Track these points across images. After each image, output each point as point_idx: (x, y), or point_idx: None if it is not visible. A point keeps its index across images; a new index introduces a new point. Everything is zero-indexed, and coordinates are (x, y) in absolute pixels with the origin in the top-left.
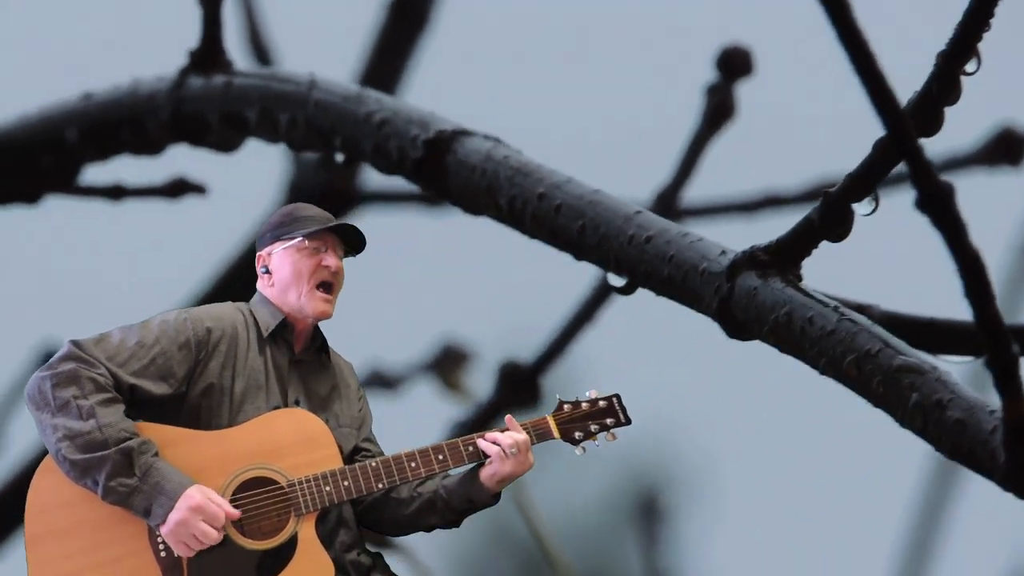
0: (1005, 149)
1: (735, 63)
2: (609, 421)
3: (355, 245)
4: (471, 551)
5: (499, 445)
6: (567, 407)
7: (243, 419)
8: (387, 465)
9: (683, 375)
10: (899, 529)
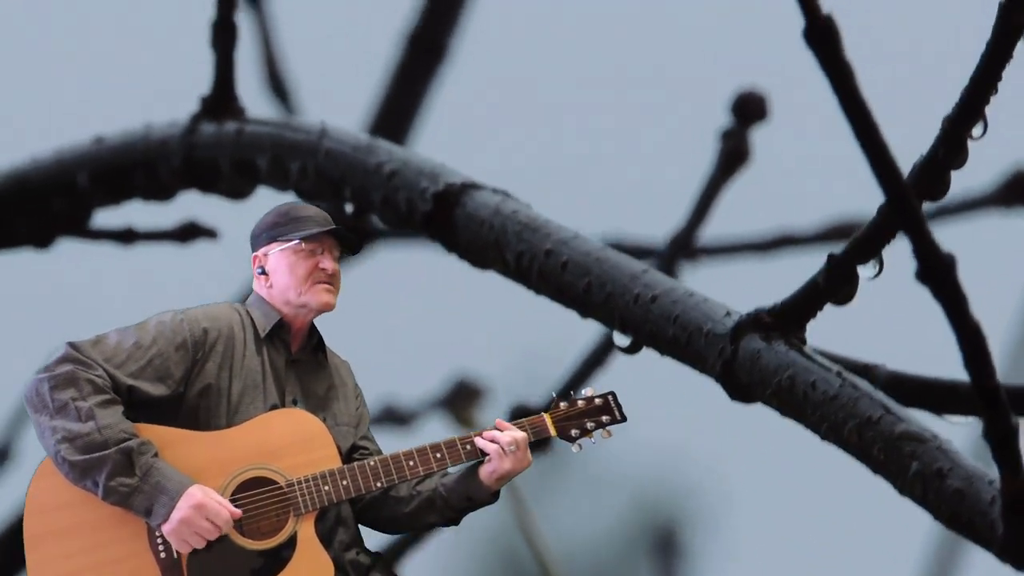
0: (1020, 190)
1: (750, 108)
2: (605, 419)
3: (352, 246)
4: None
5: (498, 443)
6: (563, 405)
7: (241, 419)
8: (386, 464)
9: (697, 415)
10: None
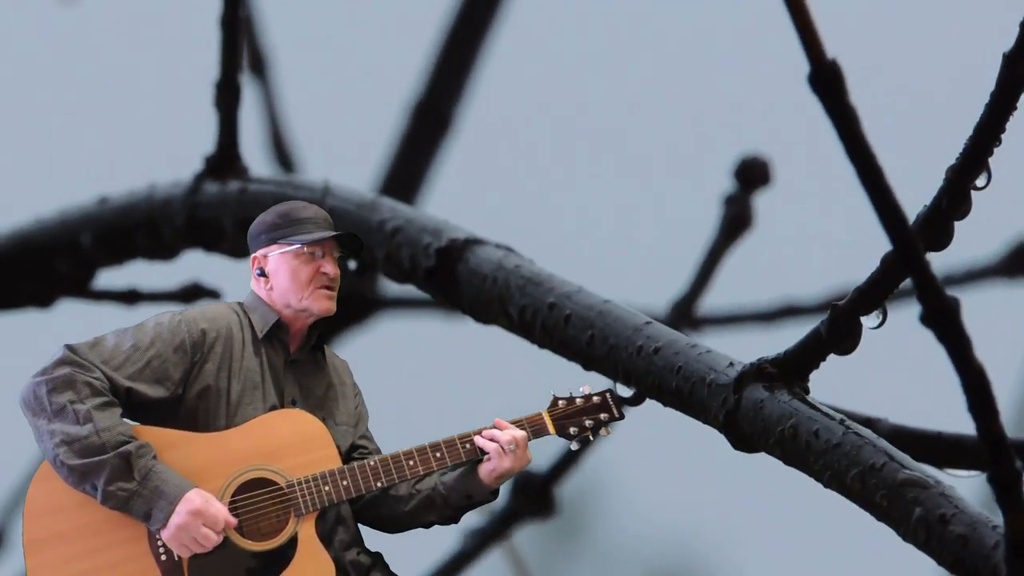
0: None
1: (753, 173)
2: (603, 416)
3: (353, 248)
4: None
5: (497, 442)
6: (561, 403)
7: (240, 420)
8: (385, 464)
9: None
10: None
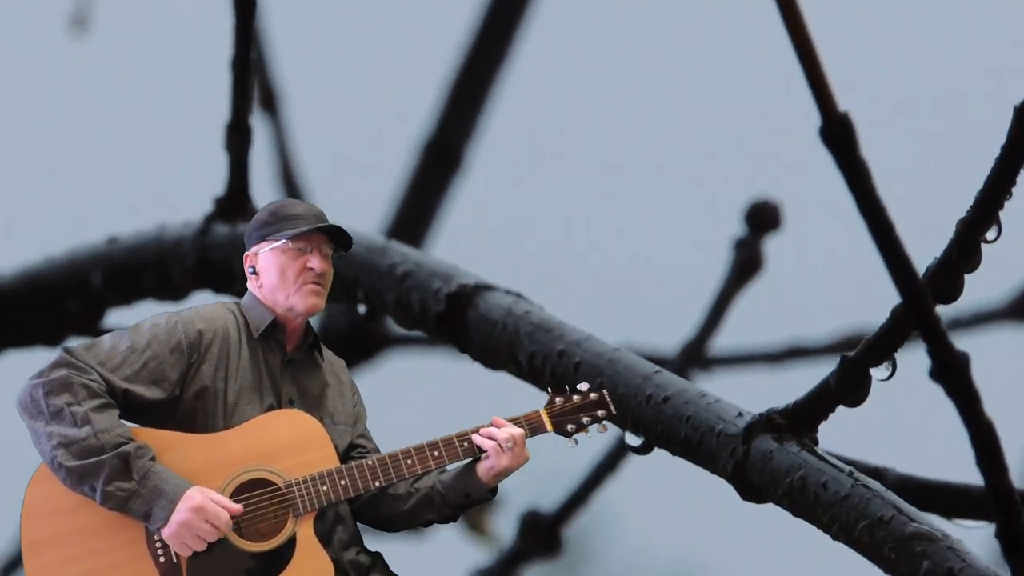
0: None
1: (764, 217)
2: (600, 413)
3: (342, 243)
4: None
5: (495, 440)
6: (559, 400)
7: (238, 421)
8: (384, 463)
9: (705, 523)
10: None
